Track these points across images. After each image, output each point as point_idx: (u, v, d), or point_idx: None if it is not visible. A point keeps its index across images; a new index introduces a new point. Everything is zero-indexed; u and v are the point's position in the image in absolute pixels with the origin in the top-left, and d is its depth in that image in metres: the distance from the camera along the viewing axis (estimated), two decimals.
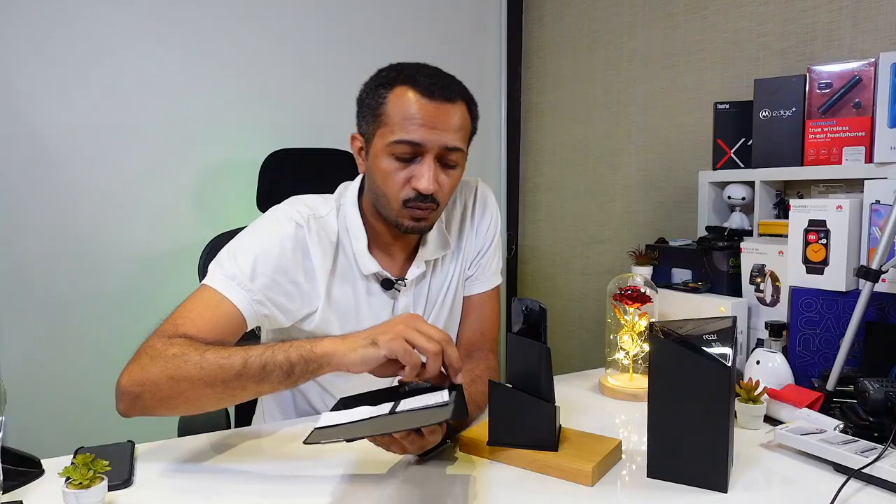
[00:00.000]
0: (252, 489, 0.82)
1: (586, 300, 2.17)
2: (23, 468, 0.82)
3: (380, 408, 0.82)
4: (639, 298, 1.19)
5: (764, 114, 1.42)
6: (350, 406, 0.86)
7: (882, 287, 1.08)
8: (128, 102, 1.75)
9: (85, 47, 1.69)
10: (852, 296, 1.11)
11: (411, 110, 0.97)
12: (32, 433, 1.59)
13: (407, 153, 0.98)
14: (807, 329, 1.16)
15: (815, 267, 1.16)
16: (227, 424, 1.23)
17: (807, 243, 1.17)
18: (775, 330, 1.18)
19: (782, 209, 1.45)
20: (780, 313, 1.26)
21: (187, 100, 1.83)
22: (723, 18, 1.67)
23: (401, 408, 0.81)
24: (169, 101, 1.80)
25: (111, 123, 1.73)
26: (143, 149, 1.78)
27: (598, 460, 0.83)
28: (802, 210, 1.18)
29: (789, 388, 1.06)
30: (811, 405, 1.01)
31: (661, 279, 1.48)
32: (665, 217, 1.86)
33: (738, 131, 1.51)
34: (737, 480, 0.83)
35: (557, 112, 2.24)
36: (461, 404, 0.78)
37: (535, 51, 2.33)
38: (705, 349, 0.80)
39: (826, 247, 1.15)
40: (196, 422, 1.13)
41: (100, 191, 1.73)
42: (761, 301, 1.31)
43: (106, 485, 0.72)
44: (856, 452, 0.82)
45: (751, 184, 1.46)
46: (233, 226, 1.33)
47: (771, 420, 1.03)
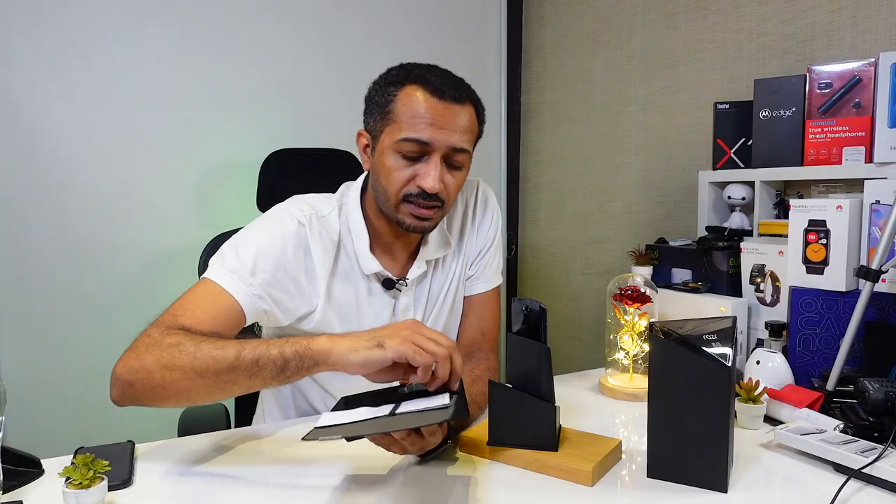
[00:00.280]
0: (252, 489, 0.82)
1: (586, 300, 2.17)
2: (23, 468, 0.82)
3: (380, 408, 0.83)
4: (639, 298, 1.19)
5: (764, 114, 1.42)
6: (351, 406, 0.86)
7: (882, 287, 1.08)
8: (128, 103, 1.75)
9: (85, 47, 1.69)
10: (852, 296, 1.11)
11: (421, 109, 0.97)
12: (32, 433, 1.59)
13: (414, 151, 0.99)
14: (807, 329, 1.16)
15: (815, 267, 1.16)
16: (228, 424, 1.23)
17: (807, 243, 1.17)
18: (775, 330, 1.18)
19: (782, 209, 1.45)
20: (780, 313, 1.26)
21: (188, 100, 1.83)
22: (723, 18, 1.67)
23: (401, 409, 0.81)
24: (169, 102, 1.80)
25: (111, 124, 1.73)
26: (144, 149, 1.78)
27: (598, 460, 0.83)
28: (802, 210, 1.18)
29: (789, 388, 1.06)
30: (811, 405, 1.01)
31: (661, 279, 1.48)
32: (665, 217, 1.86)
33: (738, 131, 1.51)
34: (737, 480, 0.83)
35: (557, 112, 2.24)
36: (462, 405, 0.78)
37: (535, 51, 2.33)
38: (705, 349, 0.80)
39: (826, 247, 1.15)
40: (196, 422, 1.14)
41: (100, 191, 1.73)
42: (761, 301, 1.31)
43: (106, 485, 0.72)
44: (856, 452, 0.82)
45: (751, 184, 1.46)
46: (233, 226, 1.32)
47: (771, 420, 1.03)
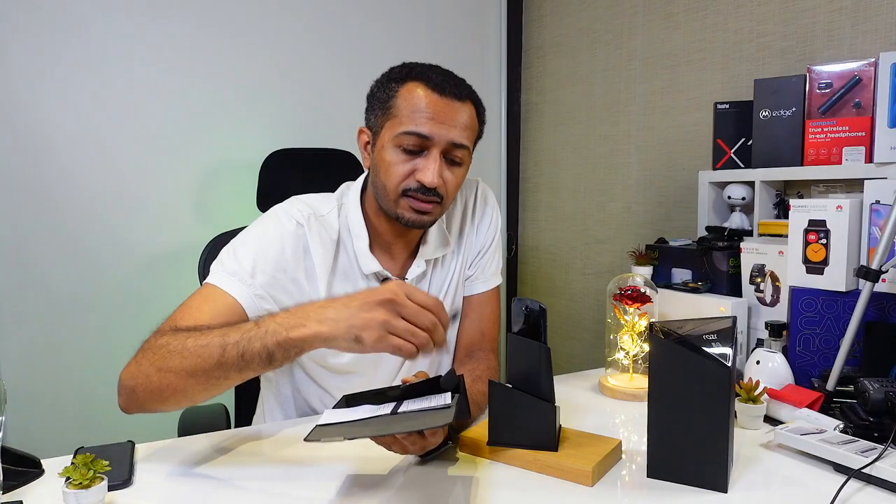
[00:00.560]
0: (252, 489, 0.82)
1: (586, 300, 2.17)
2: (23, 468, 0.82)
3: (382, 407, 0.83)
4: (639, 298, 1.19)
5: (764, 114, 1.42)
6: (353, 404, 0.87)
7: (882, 287, 1.08)
8: (128, 102, 1.75)
9: (85, 47, 1.69)
10: (852, 296, 1.11)
11: (421, 104, 0.99)
12: (32, 433, 1.59)
13: (414, 145, 0.99)
14: (807, 329, 1.16)
15: (815, 267, 1.16)
16: (228, 424, 1.23)
17: (807, 243, 1.17)
18: (775, 330, 1.18)
19: (782, 209, 1.45)
20: (780, 313, 1.26)
21: (187, 100, 1.83)
22: (723, 18, 1.67)
23: (403, 408, 0.81)
24: (169, 102, 1.80)
25: (111, 123, 1.73)
26: (144, 149, 1.78)
27: (598, 460, 0.83)
28: (802, 210, 1.18)
29: (789, 388, 1.06)
30: (811, 405, 1.01)
31: (661, 279, 1.48)
32: (665, 217, 1.86)
33: (738, 131, 1.50)
34: (737, 480, 0.83)
35: (557, 112, 2.24)
36: (464, 406, 0.78)
37: (535, 51, 2.33)
38: (705, 349, 0.80)
39: (826, 247, 1.15)
40: (196, 422, 1.14)
41: (100, 191, 1.73)
42: (761, 301, 1.31)
43: (106, 485, 0.72)
44: (856, 452, 0.82)
45: (751, 184, 1.46)
46: (233, 226, 1.33)
47: (771, 420, 1.03)
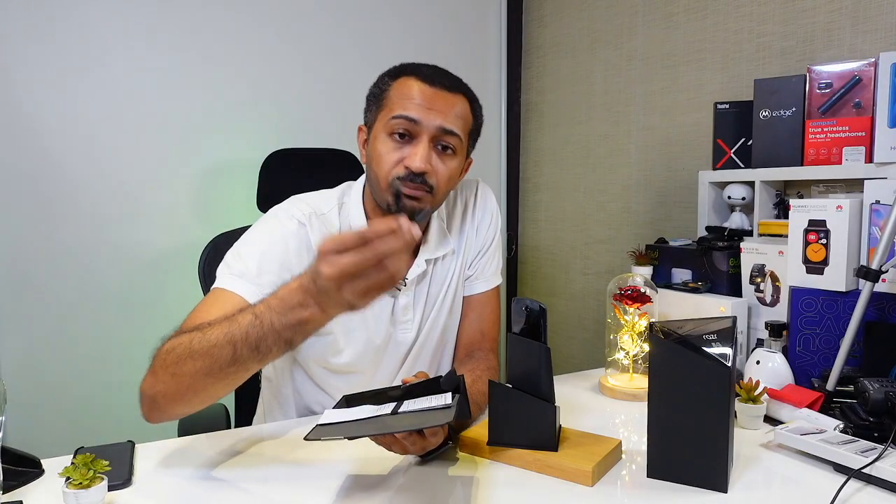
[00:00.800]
0: (252, 489, 0.82)
1: (586, 300, 2.17)
2: (23, 468, 0.82)
3: (382, 407, 0.83)
4: (639, 298, 1.19)
5: (764, 114, 1.42)
6: (353, 404, 0.87)
7: (882, 287, 1.08)
8: (128, 102, 1.75)
9: (85, 47, 1.69)
10: (852, 296, 1.11)
11: (411, 92, 1.01)
12: (32, 433, 1.59)
13: (402, 128, 1.00)
14: (807, 329, 1.16)
15: (815, 267, 1.16)
16: (228, 424, 1.23)
17: (807, 243, 1.17)
18: (775, 330, 1.18)
19: (782, 209, 1.45)
20: (780, 313, 1.26)
21: (187, 100, 1.83)
22: (723, 18, 1.67)
23: (403, 408, 0.81)
24: (169, 102, 1.80)
25: (111, 123, 1.73)
26: (144, 149, 1.78)
27: (598, 460, 0.83)
28: (802, 210, 1.18)
29: (789, 388, 1.06)
30: (811, 405, 1.01)
31: (661, 279, 1.48)
32: (665, 217, 1.86)
33: (738, 131, 1.50)
34: (737, 480, 0.83)
35: (557, 112, 2.24)
36: (464, 406, 0.78)
37: (535, 51, 2.33)
38: (705, 349, 0.80)
39: (826, 247, 1.15)
40: (196, 422, 1.14)
41: (100, 191, 1.73)
42: (761, 301, 1.31)
43: (106, 485, 0.72)
44: (856, 452, 0.82)
45: (751, 184, 1.46)
46: (233, 226, 1.33)
47: (771, 420, 1.03)
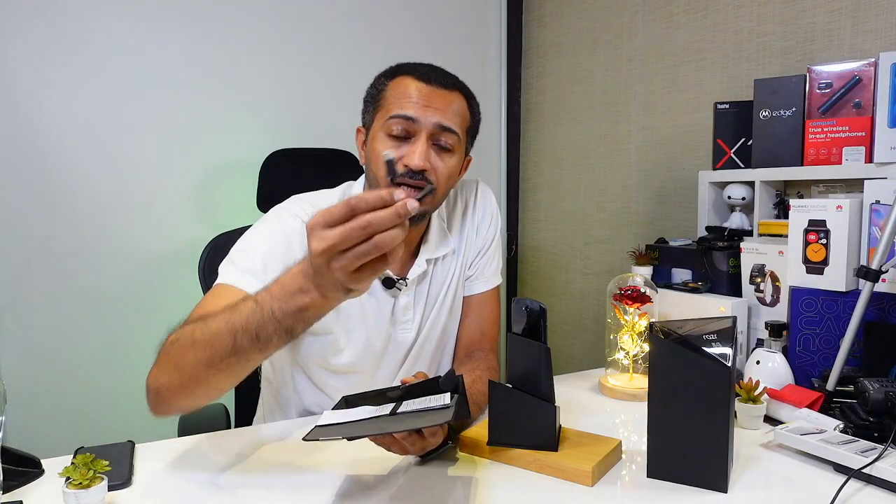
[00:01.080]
0: (252, 489, 0.82)
1: (586, 300, 2.17)
2: (23, 468, 0.82)
3: (381, 408, 0.83)
4: (639, 298, 1.19)
5: (764, 114, 1.42)
6: (353, 404, 0.87)
7: (882, 287, 1.08)
8: (128, 102, 1.75)
9: (85, 48, 1.69)
10: (852, 296, 1.11)
11: (408, 91, 1.01)
12: (32, 433, 1.59)
13: (400, 126, 1.00)
14: (807, 329, 1.16)
15: (815, 267, 1.16)
16: (228, 424, 1.23)
17: (807, 243, 1.17)
18: (775, 330, 1.18)
19: (782, 209, 1.45)
20: (780, 313, 1.26)
21: (187, 100, 1.83)
22: (723, 18, 1.67)
23: (402, 409, 0.81)
24: (169, 102, 1.80)
25: (111, 123, 1.73)
26: (144, 149, 1.78)
27: (598, 460, 0.83)
28: (802, 210, 1.18)
29: (789, 388, 1.06)
30: (811, 405, 1.01)
31: (661, 279, 1.48)
32: (665, 217, 1.85)
33: (738, 131, 1.50)
34: (737, 480, 0.83)
35: (557, 112, 2.24)
36: (463, 405, 0.78)
37: (535, 51, 2.33)
38: (705, 349, 0.80)
39: (826, 247, 1.15)
40: (196, 422, 1.14)
41: (100, 191, 1.73)
42: (761, 301, 1.31)
43: (106, 485, 0.72)
44: (856, 452, 0.82)
45: (751, 184, 1.46)
46: (233, 226, 1.33)
47: (771, 420, 1.03)
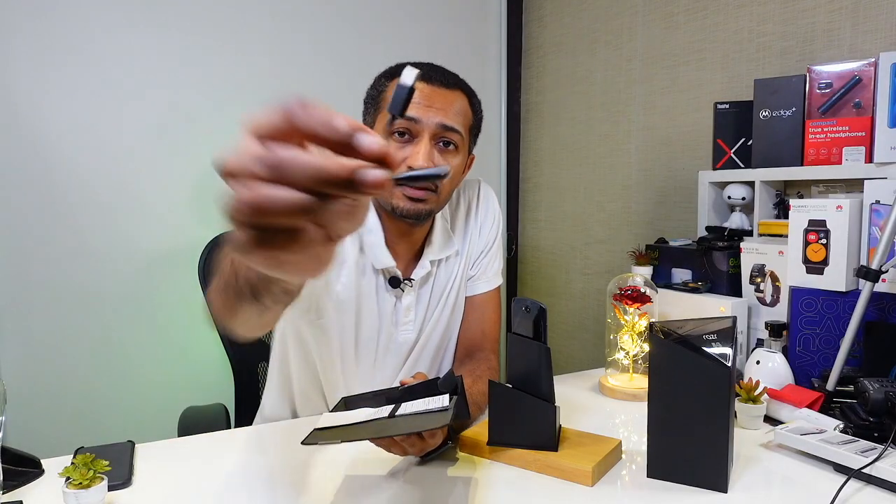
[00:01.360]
0: (252, 489, 0.82)
1: (586, 300, 2.17)
2: (23, 468, 0.82)
3: (380, 410, 0.82)
4: (639, 298, 1.19)
5: (764, 114, 1.42)
6: (352, 406, 0.86)
7: (882, 287, 1.08)
8: (128, 102, 1.75)
9: (84, 47, 1.69)
10: (852, 296, 1.11)
11: None
12: (32, 433, 1.59)
13: (402, 128, 1.00)
14: (807, 329, 1.16)
15: (815, 267, 1.16)
16: (228, 424, 1.23)
17: (807, 243, 1.17)
18: (775, 330, 1.18)
19: (782, 209, 1.45)
20: (780, 313, 1.26)
21: (187, 100, 1.82)
22: (723, 18, 1.67)
23: (401, 411, 0.81)
24: (169, 101, 1.80)
25: (111, 123, 1.73)
26: (144, 149, 1.78)
27: (598, 460, 0.83)
28: (802, 210, 1.18)
29: (789, 388, 1.06)
30: (811, 405, 1.01)
31: (661, 279, 1.48)
32: (665, 217, 1.86)
33: (738, 131, 1.50)
34: (737, 480, 0.83)
35: (557, 112, 2.24)
36: (462, 407, 0.78)
37: (535, 51, 2.33)
38: (705, 349, 0.80)
39: (826, 247, 1.15)
40: (197, 422, 1.14)
41: (100, 191, 1.73)
42: (761, 301, 1.31)
43: (106, 485, 0.72)
44: (856, 452, 0.82)
45: (751, 184, 1.46)
46: None
47: (771, 420, 1.03)
